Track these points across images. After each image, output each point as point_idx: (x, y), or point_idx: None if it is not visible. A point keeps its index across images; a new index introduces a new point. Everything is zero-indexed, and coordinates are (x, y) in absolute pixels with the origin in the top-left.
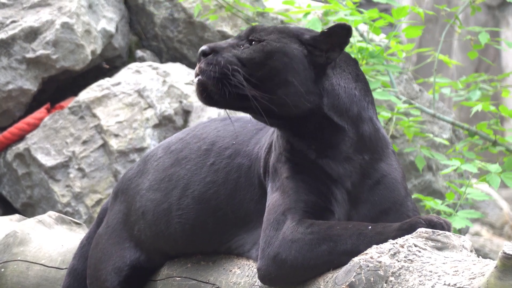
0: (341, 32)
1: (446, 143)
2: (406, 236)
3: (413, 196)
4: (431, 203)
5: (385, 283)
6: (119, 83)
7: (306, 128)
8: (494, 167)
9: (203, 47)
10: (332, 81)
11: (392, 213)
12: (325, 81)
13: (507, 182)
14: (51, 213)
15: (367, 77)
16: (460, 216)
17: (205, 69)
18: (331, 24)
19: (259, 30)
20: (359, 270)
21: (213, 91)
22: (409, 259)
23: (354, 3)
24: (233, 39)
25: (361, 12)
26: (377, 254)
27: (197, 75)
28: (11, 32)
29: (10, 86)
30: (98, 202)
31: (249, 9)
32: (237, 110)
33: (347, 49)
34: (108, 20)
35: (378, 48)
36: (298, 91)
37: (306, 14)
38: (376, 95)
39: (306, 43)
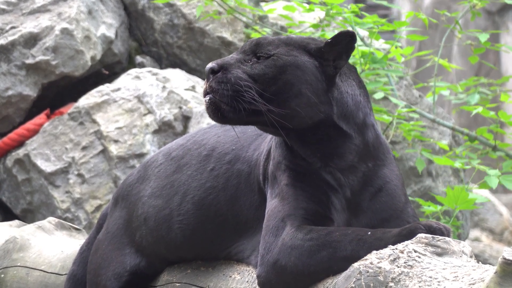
0: (345, 40)
1: (446, 148)
2: (406, 242)
3: (411, 199)
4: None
5: None
6: (118, 89)
7: (314, 137)
8: (493, 171)
9: (211, 65)
10: (340, 90)
11: (393, 220)
12: (334, 90)
13: (506, 184)
14: (51, 219)
15: (367, 80)
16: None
17: (216, 87)
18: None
19: (265, 44)
20: (358, 275)
21: (226, 109)
22: (409, 265)
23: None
24: (238, 53)
25: (362, 17)
26: (376, 260)
27: (207, 93)
28: (10, 38)
29: (10, 92)
30: (98, 208)
31: (250, 11)
32: (251, 125)
33: None
34: (107, 26)
35: (379, 53)
36: (312, 102)
37: (310, 10)
38: (377, 96)
39: (314, 54)
